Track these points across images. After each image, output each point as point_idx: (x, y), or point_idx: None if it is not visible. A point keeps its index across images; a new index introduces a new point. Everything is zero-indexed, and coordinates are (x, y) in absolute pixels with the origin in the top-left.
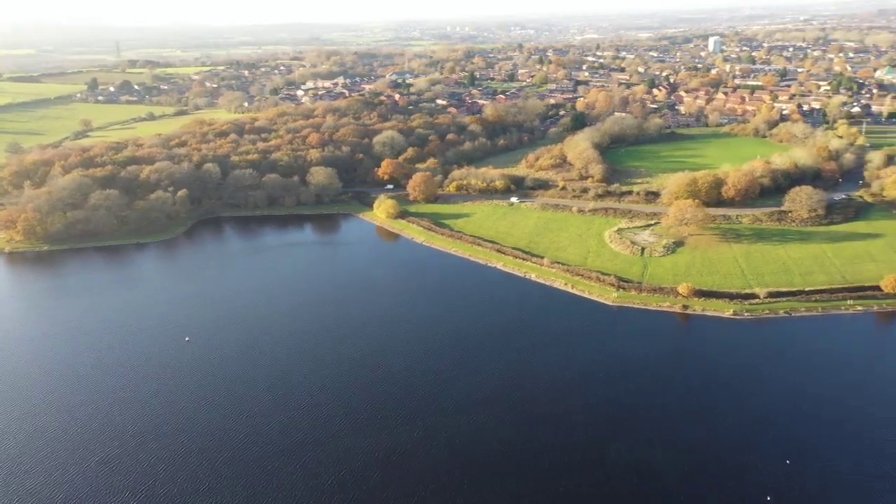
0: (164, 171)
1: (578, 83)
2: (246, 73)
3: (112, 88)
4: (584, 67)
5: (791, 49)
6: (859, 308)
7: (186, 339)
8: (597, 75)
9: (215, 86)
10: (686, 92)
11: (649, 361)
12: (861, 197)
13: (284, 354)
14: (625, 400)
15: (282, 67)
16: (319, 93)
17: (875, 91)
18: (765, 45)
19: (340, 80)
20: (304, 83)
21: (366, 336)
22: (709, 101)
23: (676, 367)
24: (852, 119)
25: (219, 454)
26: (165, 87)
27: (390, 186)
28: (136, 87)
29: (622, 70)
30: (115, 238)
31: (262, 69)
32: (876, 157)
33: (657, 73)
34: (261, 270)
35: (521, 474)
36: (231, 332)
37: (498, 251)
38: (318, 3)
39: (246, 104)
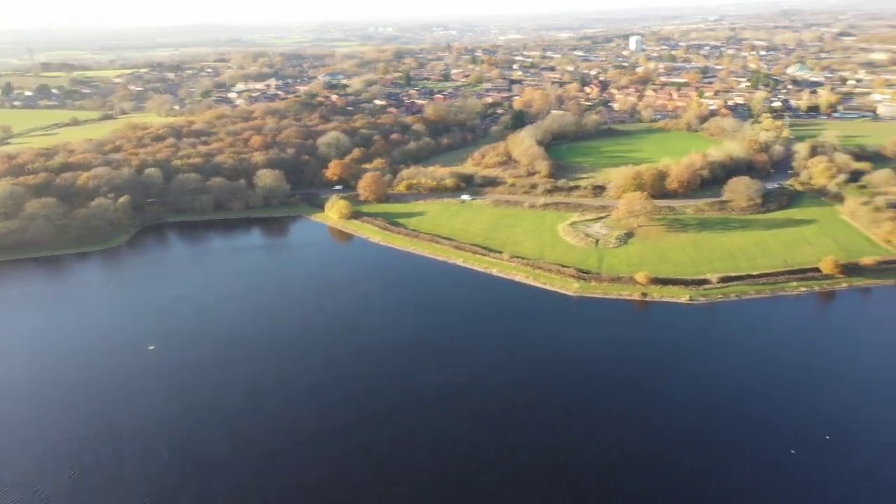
0: (103, 178)
1: (513, 82)
2: (171, 75)
3: (28, 93)
4: (516, 67)
5: (707, 48)
6: (803, 289)
7: (150, 348)
8: (529, 74)
9: (140, 89)
10: (617, 89)
11: (616, 348)
12: (792, 186)
13: (251, 359)
14: (597, 387)
15: (208, 69)
16: (253, 94)
17: (791, 87)
18: (682, 44)
19: (272, 81)
20: (234, 85)
21: (333, 337)
22: (640, 97)
23: (642, 352)
24: (775, 113)
25: (200, 461)
26: (87, 91)
27: (339, 187)
28: (54, 91)
29: (552, 69)
30: (55, 248)
31: (188, 71)
32: (802, 149)
33: (586, 71)
34: (214, 276)
35: (497, 469)
36: (192, 340)
37: (456, 248)
38: (232, 3)
39: (177, 107)
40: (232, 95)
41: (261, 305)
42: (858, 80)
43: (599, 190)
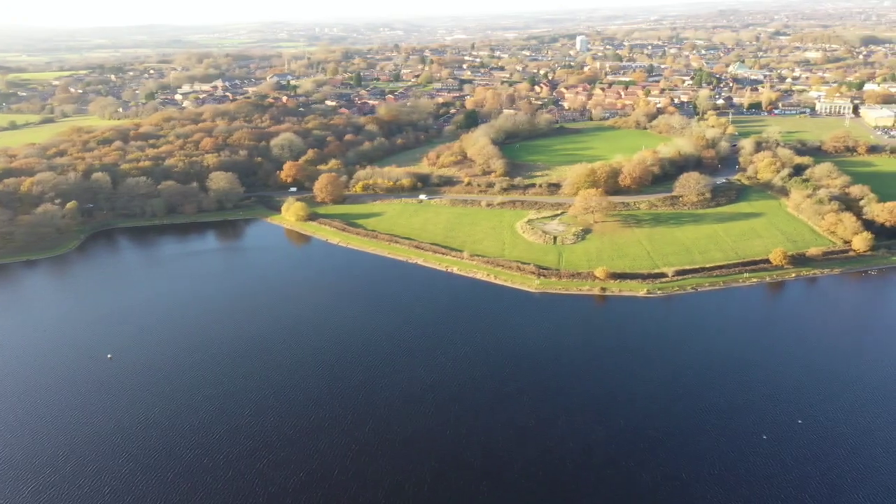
0: (49, 183)
1: (463, 82)
2: (113, 77)
3: None
4: (465, 66)
5: (650, 47)
6: (754, 280)
7: (108, 356)
8: (479, 74)
9: (81, 91)
10: (566, 88)
11: (579, 343)
12: (739, 180)
13: (215, 364)
14: (563, 383)
15: (152, 71)
16: (201, 96)
17: (732, 84)
18: (626, 43)
19: (220, 83)
20: (179, 87)
21: (298, 339)
22: (589, 96)
23: (605, 347)
24: (719, 110)
25: (168, 470)
26: (24, 94)
27: (294, 189)
28: None
29: (502, 69)
30: (1, 256)
31: (131, 73)
32: (747, 144)
33: (535, 70)
34: (170, 281)
35: (470, 466)
36: (151, 347)
37: (416, 248)
38: (173, 3)
39: (121, 110)
40: (178, 97)
41: (220, 310)
42: (795, 78)
43: (555, 187)
